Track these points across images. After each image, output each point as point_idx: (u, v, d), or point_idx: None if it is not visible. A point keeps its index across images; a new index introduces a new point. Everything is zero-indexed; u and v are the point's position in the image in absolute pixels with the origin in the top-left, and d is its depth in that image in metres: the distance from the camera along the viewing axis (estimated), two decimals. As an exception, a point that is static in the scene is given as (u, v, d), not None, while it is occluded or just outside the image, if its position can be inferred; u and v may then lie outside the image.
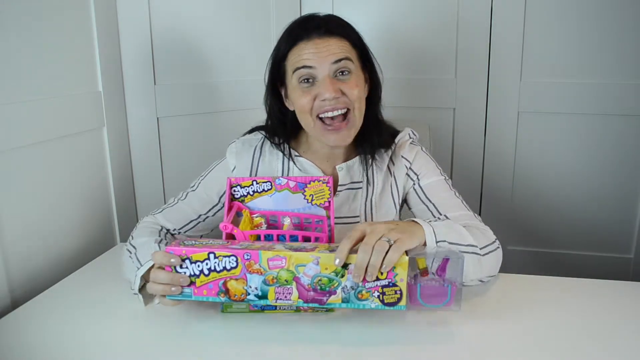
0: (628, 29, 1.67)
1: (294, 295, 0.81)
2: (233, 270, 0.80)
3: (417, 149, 1.14)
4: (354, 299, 0.81)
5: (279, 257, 0.80)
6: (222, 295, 0.81)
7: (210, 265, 0.80)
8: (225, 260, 0.80)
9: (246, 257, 0.80)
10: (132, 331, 0.90)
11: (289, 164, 1.12)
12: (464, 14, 1.75)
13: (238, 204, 1.02)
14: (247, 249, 0.81)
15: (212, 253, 0.80)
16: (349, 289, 0.80)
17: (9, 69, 1.09)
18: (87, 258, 1.24)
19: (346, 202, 1.12)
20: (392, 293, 0.80)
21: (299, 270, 0.80)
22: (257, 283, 0.81)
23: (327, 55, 0.99)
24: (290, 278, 0.80)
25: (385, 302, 0.80)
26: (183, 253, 0.81)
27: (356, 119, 1.03)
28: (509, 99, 1.79)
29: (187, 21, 1.59)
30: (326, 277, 0.80)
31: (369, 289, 0.80)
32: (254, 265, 0.80)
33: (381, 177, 1.12)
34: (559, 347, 0.83)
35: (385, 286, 0.80)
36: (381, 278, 0.79)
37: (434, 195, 1.10)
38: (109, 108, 1.42)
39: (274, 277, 0.80)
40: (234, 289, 0.81)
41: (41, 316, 0.96)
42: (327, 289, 0.80)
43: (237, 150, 1.13)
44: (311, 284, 0.80)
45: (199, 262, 0.81)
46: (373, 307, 0.81)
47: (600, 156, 1.79)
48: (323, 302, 0.81)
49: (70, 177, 1.28)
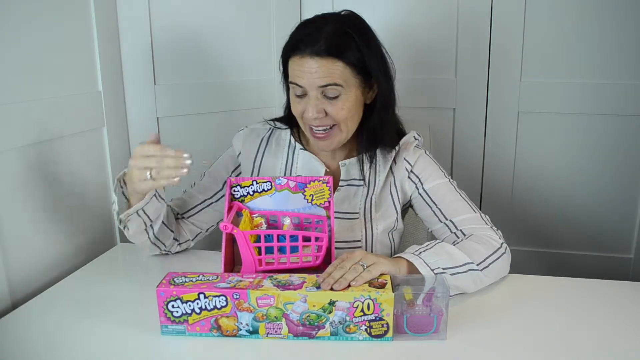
0: (628, 29, 1.67)
1: (284, 330, 0.84)
2: (224, 309, 0.83)
3: (420, 152, 1.14)
4: (342, 332, 0.84)
5: (268, 296, 0.82)
6: (215, 331, 0.85)
7: (201, 305, 0.83)
8: (215, 299, 0.82)
9: (235, 296, 0.82)
10: (132, 331, 0.90)
11: (293, 157, 1.13)
12: (464, 14, 1.75)
13: (238, 204, 1.02)
14: (236, 288, 0.82)
15: (202, 293, 0.83)
16: (337, 323, 0.83)
17: (9, 69, 1.09)
18: (87, 258, 1.24)
19: (347, 198, 1.12)
20: (379, 326, 0.83)
21: (287, 308, 0.83)
22: (248, 320, 0.83)
23: (316, 79, 0.99)
24: (280, 315, 0.83)
25: (373, 334, 0.84)
26: (174, 294, 0.83)
27: (342, 133, 1.05)
28: (509, 99, 1.79)
29: (187, 21, 1.59)
30: (314, 313, 0.83)
31: (357, 323, 0.83)
32: (244, 303, 0.82)
33: (383, 177, 1.12)
34: (559, 346, 0.83)
35: (372, 320, 0.83)
36: (368, 313, 0.82)
37: (439, 198, 1.10)
38: (109, 108, 1.42)
39: (263, 314, 0.83)
40: (226, 325, 0.84)
41: (41, 316, 0.96)
42: (315, 324, 0.83)
43: (245, 137, 1.17)
44: (300, 320, 0.83)
45: (190, 302, 0.83)
46: (361, 340, 0.84)
47: (600, 156, 1.79)
48: (312, 335, 0.84)
49: (70, 177, 1.28)
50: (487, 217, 1.09)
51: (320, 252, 0.94)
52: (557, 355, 0.81)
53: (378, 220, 1.12)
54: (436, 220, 1.09)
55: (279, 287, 0.83)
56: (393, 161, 1.13)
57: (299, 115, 1.06)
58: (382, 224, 1.12)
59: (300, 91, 1.02)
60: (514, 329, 0.88)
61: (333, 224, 0.99)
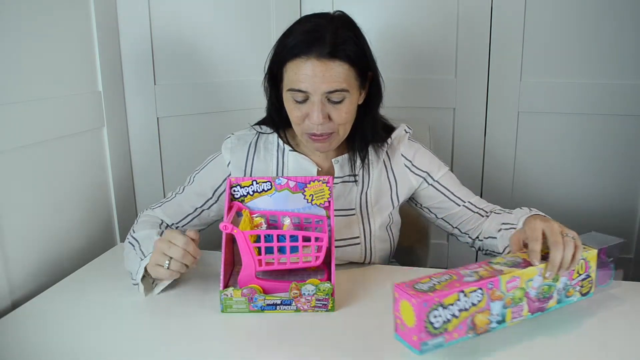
0: (628, 29, 1.67)
1: (524, 310, 0.83)
2: (479, 304, 0.78)
3: (416, 146, 1.16)
4: (563, 298, 0.87)
5: (515, 278, 0.81)
6: (471, 332, 0.78)
7: (461, 306, 0.76)
8: (473, 295, 0.77)
9: (489, 286, 0.78)
10: (132, 331, 0.90)
11: (283, 159, 1.13)
12: (464, 14, 1.75)
13: (238, 204, 1.02)
14: (484, 279, 0.78)
15: (462, 292, 0.76)
16: (561, 290, 0.86)
17: (9, 69, 1.09)
18: (87, 258, 1.24)
19: (342, 195, 1.12)
20: (587, 284, 0.89)
21: (529, 285, 0.82)
22: (498, 309, 0.80)
23: (321, 84, 0.96)
24: (522, 295, 0.82)
25: (582, 293, 0.89)
26: (436, 301, 0.73)
27: (340, 137, 1.06)
28: (509, 99, 1.79)
29: (187, 21, 1.59)
30: (546, 285, 0.84)
31: (574, 285, 0.88)
32: (496, 292, 0.79)
33: (377, 172, 1.13)
34: (559, 346, 0.83)
35: (583, 279, 0.88)
36: (581, 273, 0.87)
37: (451, 185, 1.16)
38: (109, 108, 1.42)
39: (510, 298, 0.81)
40: (480, 321, 0.79)
41: (41, 316, 0.96)
42: (547, 296, 0.85)
43: (232, 145, 1.15)
44: (536, 295, 0.84)
45: (450, 306, 0.75)
46: (575, 301, 0.89)
47: (600, 156, 1.79)
48: (544, 308, 0.86)
49: (70, 177, 1.28)
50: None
51: (320, 252, 0.94)
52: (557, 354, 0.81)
53: (375, 216, 1.12)
54: (453, 205, 1.16)
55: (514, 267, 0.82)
56: (387, 156, 1.14)
57: (299, 122, 1.03)
58: (379, 219, 1.13)
59: (301, 97, 0.99)
60: (513, 328, 0.88)
61: (333, 224, 0.99)
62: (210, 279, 1.05)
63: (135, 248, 1.03)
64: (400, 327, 0.77)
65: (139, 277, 0.98)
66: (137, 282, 0.99)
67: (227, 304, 0.94)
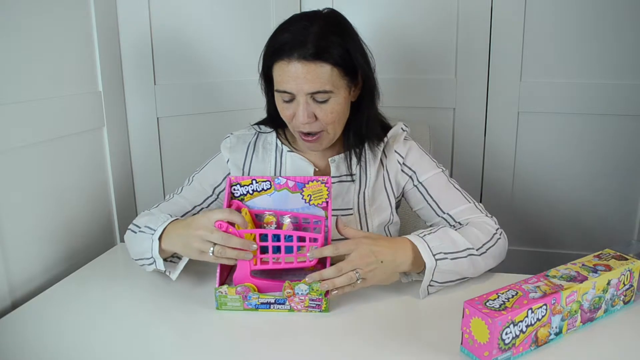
0: (628, 29, 1.66)
1: (578, 321, 0.86)
2: (543, 318, 0.81)
3: (410, 143, 1.15)
4: (609, 308, 0.91)
5: (573, 292, 0.83)
6: (533, 345, 0.82)
7: (528, 322, 0.79)
8: (538, 311, 0.80)
9: (553, 301, 0.81)
10: (131, 330, 0.90)
11: (281, 160, 1.13)
12: (464, 14, 1.75)
13: (237, 203, 1.02)
14: (550, 294, 0.81)
15: (529, 309, 0.79)
16: (608, 300, 0.89)
17: (9, 69, 1.09)
18: (87, 258, 1.25)
19: (339, 194, 1.12)
20: (630, 293, 0.93)
21: (584, 298, 0.85)
22: (557, 322, 0.83)
23: (304, 85, 0.97)
24: (578, 307, 0.85)
25: (625, 302, 0.93)
26: (509, 319, 0.76)
27: (329, 135, 1.06)
28: (509, 99, 1.79)
29: (187, 21, 1.59)
30: (597, 296, 0.88)
31: (619, 294, 0.91)
32: (557, 307, 0.82)
33: (374, 171, 1.13)
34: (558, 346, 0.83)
35: (627, 289, 0.92)
36: (626, 283, 0.91)
37: (434, 191, 1.11)
38: (109, 108, 1.42)
39: (568, 311, 0.84)
40: (542, 334, 0.82)
41: (41, 316, 0.96)
42: (597, 307, 0.88)
43: (232, 145, 1.16)
44: (589, 307, 0.87)
45: (520, 322, 0.78)
46: (618, 310, 0.92)
47: (600, 156, 1.78)
48: (593, 318, 0.89)
49: (71, 177, 1.29)
50: (481, 205, 1.11)
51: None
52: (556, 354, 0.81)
53: (373, 215, 1.12)
54: (434, 214, 1.11)
55: (569, 281, 0.85)
56: (383, 154, 1.13)
57: (288, 120, 1.05)
58: (377, 218, 1.13)
59: (288, 97, 1.01)
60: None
61: (330, 225, 0.99)
62: (209, 277, 1.06)
63: (141, 228, 1.03)
64: (468, 342, 0.80)
65: (156, 250, 0.97)
66: (153, 258, 0.99)
67: (222, 302, 0.95)
